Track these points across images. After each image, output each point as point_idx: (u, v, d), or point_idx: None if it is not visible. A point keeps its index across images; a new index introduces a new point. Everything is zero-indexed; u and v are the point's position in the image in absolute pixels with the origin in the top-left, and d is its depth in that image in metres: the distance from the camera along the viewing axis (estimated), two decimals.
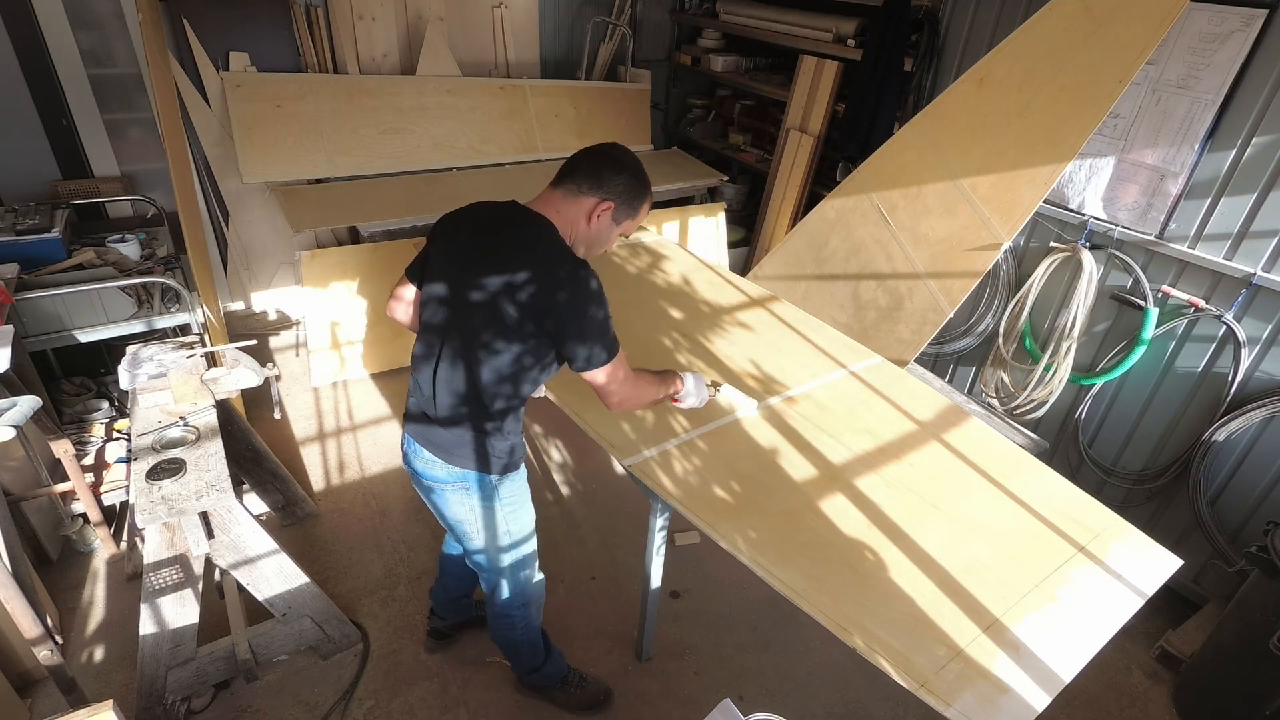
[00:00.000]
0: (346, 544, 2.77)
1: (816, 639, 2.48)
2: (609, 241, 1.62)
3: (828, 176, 4.01)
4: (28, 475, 2.45)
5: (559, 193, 1.55)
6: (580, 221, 1.54)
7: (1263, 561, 2.05)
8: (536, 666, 2.10)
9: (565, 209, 1.54)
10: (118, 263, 2.75)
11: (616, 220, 1.58)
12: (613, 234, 1.60)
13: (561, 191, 1.55)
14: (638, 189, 1.56)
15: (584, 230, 1.55)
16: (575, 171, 1.54)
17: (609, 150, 1.57)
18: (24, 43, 3.17)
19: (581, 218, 1.54)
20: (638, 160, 1.59)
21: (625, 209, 1.57)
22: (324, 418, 3.46)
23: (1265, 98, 2.23)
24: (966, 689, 1.35)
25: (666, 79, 5.10)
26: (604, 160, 1.55)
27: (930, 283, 2.74)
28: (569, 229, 1.54)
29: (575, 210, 1.54)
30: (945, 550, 1.64)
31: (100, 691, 2.15)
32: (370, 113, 3.86)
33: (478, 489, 1.68)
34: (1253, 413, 2.37)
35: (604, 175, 1.53)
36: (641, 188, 1.57)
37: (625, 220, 1.59)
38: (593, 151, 1.56)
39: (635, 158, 1.58)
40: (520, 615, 1.93)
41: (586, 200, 1.53)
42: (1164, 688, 2.43)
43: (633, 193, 1.56)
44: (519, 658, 2.09)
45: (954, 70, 3.13)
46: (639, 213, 1.61)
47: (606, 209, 1.53)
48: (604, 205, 1.53)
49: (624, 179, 1.54)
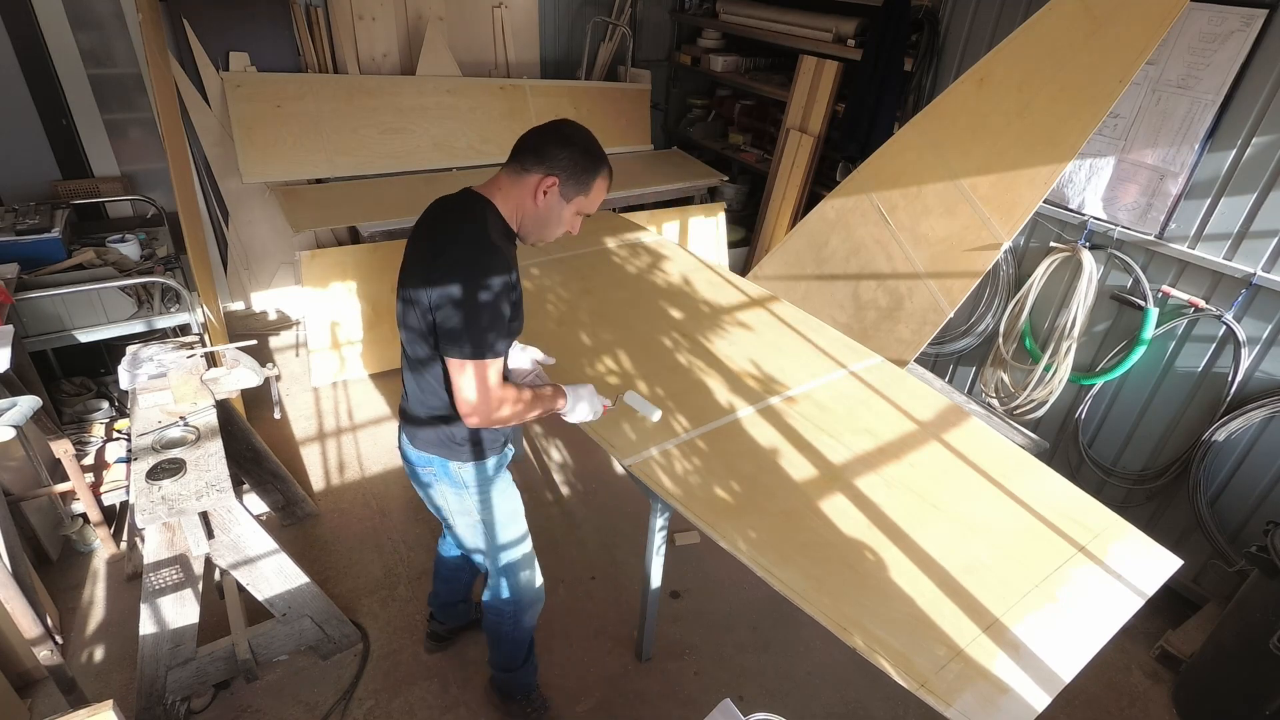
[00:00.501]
0: (346, 544, 2.77)
1: (816, 639, 2.48)
2: (563, 221, 1.56)
3: (828, 176, 4.01)
4: (28, 475, 2.45)
5: (505, 172, 1.52)
6: (526, 200, 1.50)
7: (1263, 561, 2.05)
8: (511, 668, 2.08)
9: (510, 189, 1.51)
10: (118, 263, 2.75)
11: (566, 197, 1.51)
12: (563, 212, 1.54)
13: (507, 171, 1.52)
14: (586, 163, 1.50)
15: (531, 209, 1.51)
16: (522, 149, 1.50)
17: (557, 126, 1.52)
18: (24, 43, 3.17)
19: (527, 196, 1.50)
20: (590, 135, 1.53)
21: (573, 184, 1.51)
22: (324, 418, 3.46)
23: (1265, 98, 2.23)
24: (966, 689, 1.35)
25: (666, 79, 5.10)
26: (549, 135, 1.50)
27: (930, 283, 2.74)
28: (514, 210, 1.51)
29: (520, 189, 1.50)
30: (945, 550, 1.64)
31: (100, 691, 2.15)
32: (370, 113, 3.86)
33: (445, 475, 1.69)
34: (1253, 413, 2.37)
35: (548, 150, 1.48)
36: (591, 161, 1.51)
37: (576, 196, 1.53)
38: (540, 128, 1.52)
39: (588, 133, 1.53)
40: (510, 613, 1.92)
41: (530, 177, 1.48)
42: (1164, 688, 2.43)
43: (580, 167, 1.49)
44: (498, 651, 2.07)
45: (954, 70, 3.13)
46: (591, 188, 1.54)
47: (551, 185, 1.48)
48: (548, 181, 1.48)
49: (569, 152, 1.48)
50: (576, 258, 3.01)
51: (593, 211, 1.60)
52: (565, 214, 1.55)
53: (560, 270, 2.90)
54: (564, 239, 3.22)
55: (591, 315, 2.55)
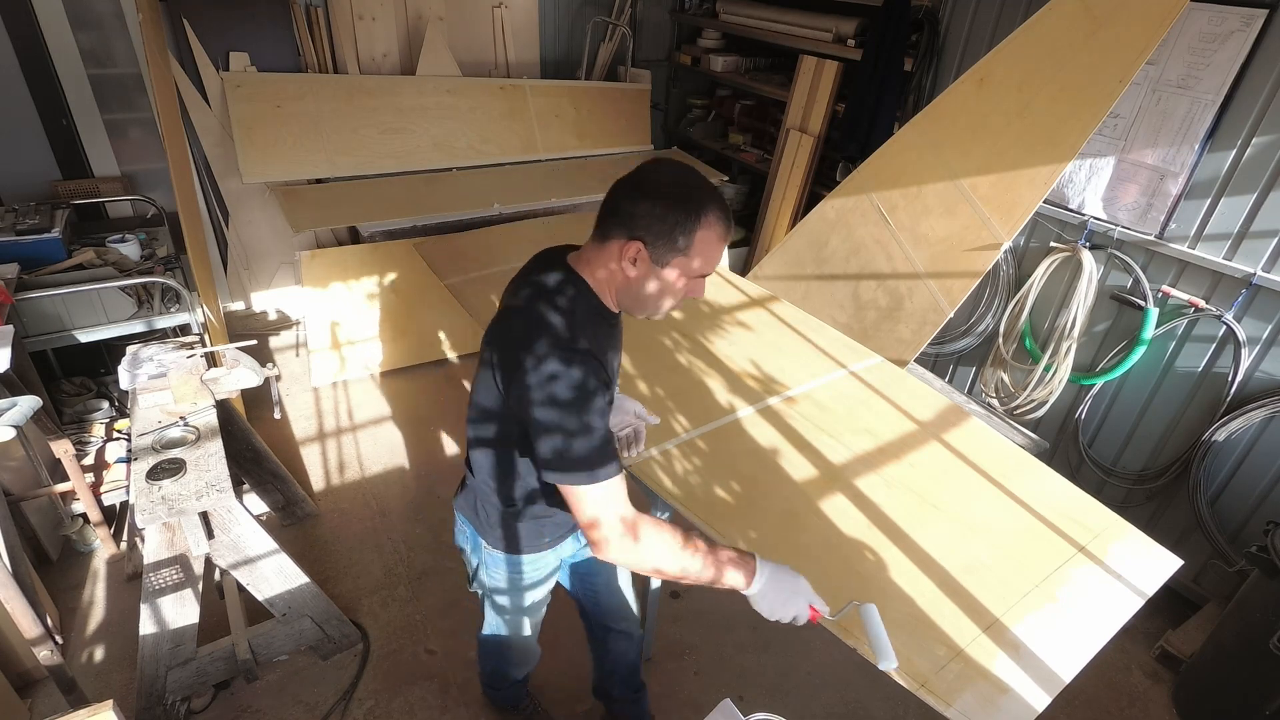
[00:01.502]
0: (346, 544, 2.76)
1: (816, 639, 2.48)
2: (672, 291, 1.21)
3: (828, 176, 4.01)
4: (28, 475, 2.45)
5: (590, 240, 1.24)
6: (617, 274, 1.21)
7: (1263, 561, 2.05)
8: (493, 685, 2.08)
9: (595, 261, 1.22)
10: (118, 263, 2.75)
11: (660, 262, 1.16)
12: (666, 280, 1.19)
13: (592, 238, 1.23)
14: (676, 215, 1.13)
15: (623, 282, 1.21)
16: (602, 209, 1.21)
17: (636, 172, 1.18)
18: (24, 43, 3.17)
19: (615, 268, 1.20)
20: (682, 175, 1.16)
21: (665, 246, 1.15)
22: (324, 418, 3.46)
23: (1265, 98, 2.23)
24: (966, 689, 1.35)
25: (666, 79, 5.10)
26: (624, 187, 1.17)
27: (930, 283, 2.74)
28: (607, 284, 1.23)
29: (605, 261, 1.20)
30: (945, 550, 1.64)
31: (100, 691, 2.15)
32: (370, 113, 3.86)
33: (470, 540, 1.55)
34: (1253, 413, 2.37)
35: (622, 206, 1.16)
36: (682, 213, 1.13)
37: (674, 259, 1.16)
38: (621, 179, 1.19)
39: (679, 172, 1.17)
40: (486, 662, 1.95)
41: (611, 245, 1.18)
42: (1164, 688, 2.43)
43: (668, 223, 1.13)
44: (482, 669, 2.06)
45: (954, 70, 3.13)
46: (692, 244, 1.15)
47: (637, 252, 1.16)
48: (631, 248, 1.16)
49: (648, 206, 1.13)
50: None
51: (711, 271, 1.21)
52: (670, 282, 1.20)
53: None
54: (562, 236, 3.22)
55: None
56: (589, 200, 3.97)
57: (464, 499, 1.52)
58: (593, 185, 4.13)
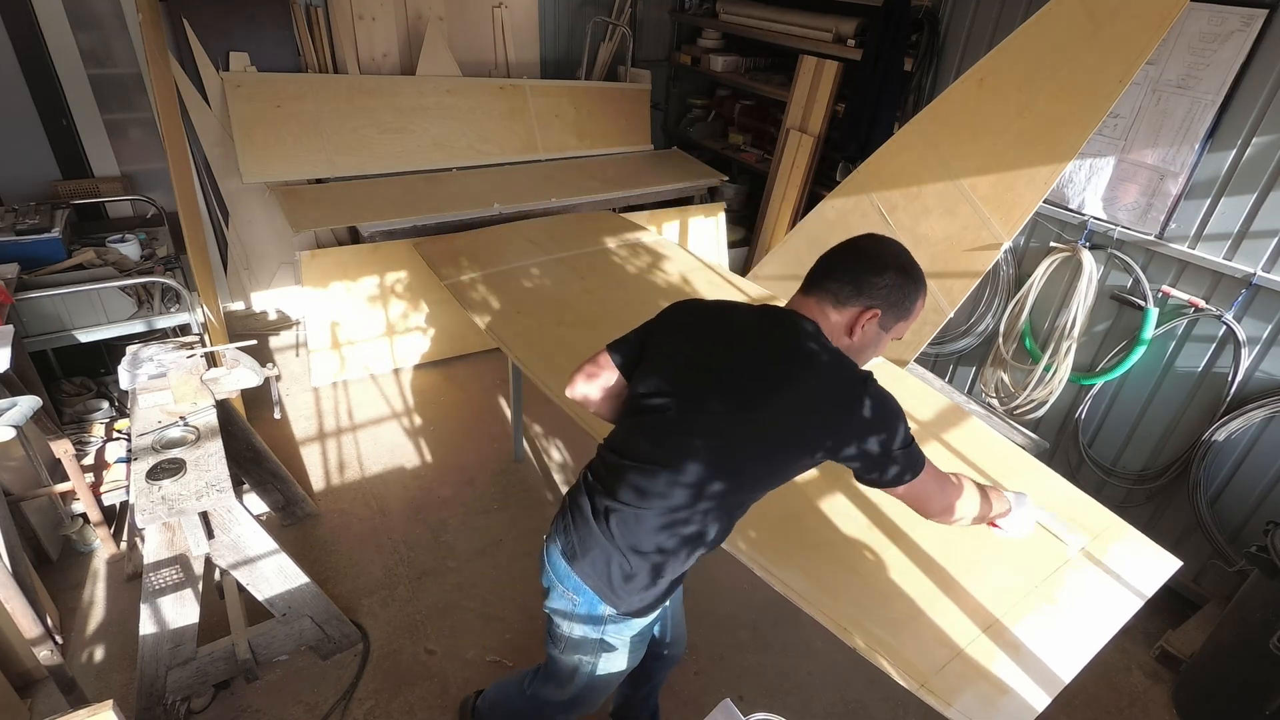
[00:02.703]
0: (346, 544, 2.76)
1: (816, 639, 2.48)
2: (879, 348, 1.39)
3: (828, 176, 4.01)
4: (28, 475, 2.45)
5: (814, 299, 1.34)
6: (840, 334, 1.33)
7: (1263, 561, 2.05)
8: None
9: (823, 320, 1.33)
10: (118, 263, 2.75)
11: (885, 326, 1.34)
12: (882, 341, 1.37)
13: (817, 298, 1.34)
14: (908, 287, 1.32)
15: (845, 342, 1.33)
16: (829, 278, 1.33)
17: (865, 248, 1.33)
18: (24, 43, 3.17)
19: (842, 329, 1.32)
20: (901, 248, 1.34)
21: (894, 313, 1.32)
22: (324, 418, 3.46)
23: (1265, 98, 2.23)
24: (966, 689, 1.35)
25: (666, 79, 5.10)
26: (862, 263, 1.31)
27: (930, 283, 2.73)
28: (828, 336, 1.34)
29: (844, 322, 1.32)
30: (945, 550, 1.65)
31: (100, 691, 2.15)
32: (370, 113, 3.86)
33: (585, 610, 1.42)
34: (1253, 413, 2.37)
35: (864, 280, 1.30)
36: (912, 284, 1.32)
37: (897, 323, 1.35)
38: (846, 251, 1.34)
39: (897, 246, 1.34)
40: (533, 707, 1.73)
41: (848, 311, 1.31)
42: (1164, 688, 2.43)
43: (902, 292, 1.31)
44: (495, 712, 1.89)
45: (954, 70, 3.13)
46: (912, 312, 1.35)
47: (872, 318, 1.31)
48: (868, 315, 1.30)
49: (888, 278, 1.30)
50: (576, 257, 3.01)
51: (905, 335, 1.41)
52: (882, 341, 1.38)
53: (560, 270, 2.90)
54: (562, 236, 3.24)
55: (591, 315, 2.55)
56: (589, 200, 3.97)
57: (590, 567, 1.38)
58: (593, 185, 4.13)
